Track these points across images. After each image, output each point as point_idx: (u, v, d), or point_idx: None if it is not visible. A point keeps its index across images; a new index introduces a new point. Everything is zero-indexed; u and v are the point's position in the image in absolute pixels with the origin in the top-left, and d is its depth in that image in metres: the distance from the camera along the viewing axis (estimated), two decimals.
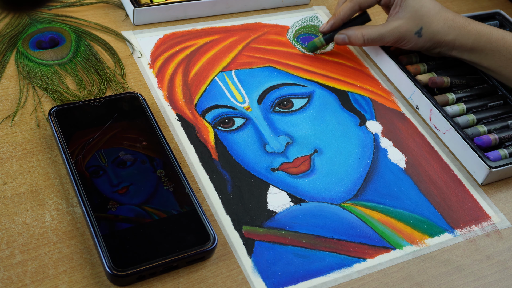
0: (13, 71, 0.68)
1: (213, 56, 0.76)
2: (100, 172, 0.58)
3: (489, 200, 0.67)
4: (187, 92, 0.71)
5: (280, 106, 0.72)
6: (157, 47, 0.76)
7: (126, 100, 0.65)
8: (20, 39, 0.72)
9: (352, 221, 0.62)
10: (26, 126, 0.63)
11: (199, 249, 0.54)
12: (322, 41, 0.79)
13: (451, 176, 0.69)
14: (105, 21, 0.78)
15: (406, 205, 0.64)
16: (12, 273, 0.51)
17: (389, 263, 0.59)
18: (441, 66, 0.80)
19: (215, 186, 0.62)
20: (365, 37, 0.76)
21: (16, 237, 0.54)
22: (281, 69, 0.77)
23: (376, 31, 0.75)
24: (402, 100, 0.77)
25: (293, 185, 0.64)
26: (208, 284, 0.54)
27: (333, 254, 0.58)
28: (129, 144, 0.61)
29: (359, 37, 0.76)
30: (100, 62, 0.72)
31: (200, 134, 0.67)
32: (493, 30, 0.73)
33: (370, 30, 0.76)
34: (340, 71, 0.79)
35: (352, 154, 0.68)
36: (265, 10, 0.85)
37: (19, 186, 0.58)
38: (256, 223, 0.59)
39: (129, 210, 0.55)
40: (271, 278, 0.55)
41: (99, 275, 0.53)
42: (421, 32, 0.74)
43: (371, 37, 0.75)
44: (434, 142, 0.72)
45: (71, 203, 0.57)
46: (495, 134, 0.71)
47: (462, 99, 0.76)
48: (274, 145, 0.67)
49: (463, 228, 0.64)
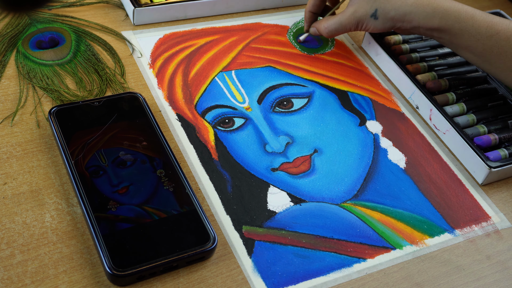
0: (13, 71, 0.68)
1: (213, 56, 0.76)
2: (100, 172, 0.58)
3: (489, 200, 0.67)
4: (187, 92, 0.71)
5: (280, 106, 0.72)
6: (157, 47, 0.76)
7: (126, 100, 0.65)
8: (20, 39, 0.72)
9: (352, 221, 0.62)
10: (26, 126, 0.63)
11: (199, 249, 0.54)
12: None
13: (451, 176, 0.69)
14: (105, 21, 0.78)
15: (406, 205, 0.64)
16: (12, 273, 0.51)
17: (389, 263, 0.59)
18: (441, 65, 0.80)
19: (215, 186, 0.62)
20: (327, 29, 0.76)
21: (16, 237, 0.54)
22: (281, 69, 0.77)
23: (336, 21, 0.75)
24: (402, 100, 0.77)
25: (293, 185, 0.64)
26: (208, 284, 0.54)
27: (333, 254, 0.58)
28: (129, 144, 0.61)
29: (323, 30, 0.77)
30: (100, 62, 0.72)
31: (200, 134, 0.67)
32: (462, 8, 0.70)
33: (331, 21, 0.76)
34: (340, 71, 0.79)
35: (352, 154, 0.68)
36: (265, 10, 0.85)
37: (19, 186, 0.58)
38: (256, 223, 0.59)
39: (129, 210, 0.55)
40: (271, 278, 0.55)
41: (99, 275, 0.53)
42: (376, 14, 0.72)
43: (332, 27, 0.76)
44: (434, 142, 0.72)
45: (71, 203, 0.57)
46: (495, 134, 0.71)
47: (462, 99, 0.76)
48: (274, 145, 0.67)
49: (463, 228, 0.64)
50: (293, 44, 0.81)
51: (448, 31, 0.70)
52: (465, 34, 0.69)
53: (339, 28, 0.75)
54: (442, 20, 0.69)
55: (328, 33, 0.76)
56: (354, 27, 0.75)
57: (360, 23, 0.74)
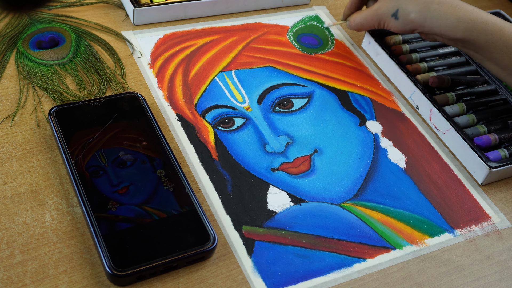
0: (13, 71, 0.68)
1: (213, 56, 0.76)
2: (100, 172, 0.58)
3: (489, 200, 0.67)
4: (187, 92, 0.71)
5: (280, 106, 0.72)
6: (157, 47, 0.76)
7: (126, 100, 0.65)
8: (20, 39, 0.72)
9: (352, 221, 0.62)
10: (26, 126, 0.63)
11: (199, 249, 0.54)
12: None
13: (451, 176, 0.69)
14: (105, 21, 0.78)
15: (406, 205, 0.64)
16: (12, 273, 0.51)
17: (389, 263, 0.59)
18: (442, 65, 0.80)
19: (215, 186, 0.62)
20: (354, 22, 0.76)
21: (16, 237, 0.54)
22: (281, 69, 0.77)
23: (363, 16, 0.75)
24: (402, 100, 0.77)
25: (293, 185, 0.64)
26: (208, 284, 0.54)
27: (333, 254, 0.58)
28: (129, 144, 0.61)
29: (351, 22, 0.77)
30: (100, 62, 0.72)
31: (200, 134, 0.67)
32: (490, 19, 0.67)
33: (358, 15, 0.75)
34: (340, 71, 0.79)
35: (352, 154, 0.68)
36: (265, 10, 0.85)
37: (19, 186, 0.58)
38: (256, 223, 0.59)
39: (129, 210, 0.55)
40: (271, 278, 0.55)
41: (99, 275, 0.53)
42: (397, 14, 0.70)
43: (358, 21, 0.75)
44: (434, 142, 0.72)
45: (71, 203, 0.57)
46: (495, 134, 0.71)
47: (462, 99, 0.76)
48: (274, 145, 0.67)
49: (463, 228, 0.64)
50: (293, 44, 0.81)
51: (473, 43, 0.68)
52: (491, 47, 0.67)
53: (364, 23, 0.74)
54: (466, 31, 0.67)
55: (355, 27, 0.76)
56: (376, 24, 0.74)
57: (382, 21, 0.73)
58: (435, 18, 0.68)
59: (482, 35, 0.66)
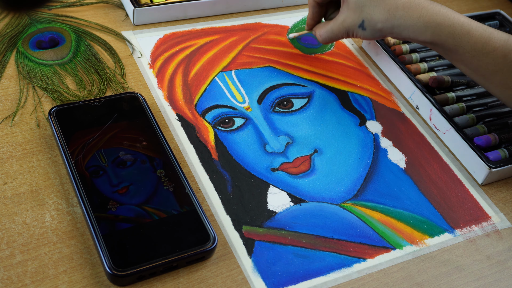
0: (13, 71, 0.68)
1: (213, 56, 0.76)
2: (100, 172, 0.58)
3: (489, 200, 0.67)
4: (187, 92, 0.71)
5: (280, 106, 0.72)
6: (157, 47, 0.76)
7: (126, 100, 0.65)
8: (20, 39, 0.72)
9: (352, 221, 0.62)
10: (26, 126, 0.63)
11: (199, 249, 0.54)
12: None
13: (451, 176, 0.69)
14: (105, 21, 0.78)
15: (406, 205, 0.64)
16: (12, 273, 0.51)
17: (389, 263, 0.59)
18: (442, 65, 0.80)
19: (215, 186, 0.62)
20: (322, 37, 0.72)
21: (16, 237, 0.54)
22: (281, 69, 0.77)
23: (328, 29, 0.71)
24: (402, 100, 0.77)
25: (293, 185, 0.64)
26: (208, 284, 0.54)
27: (333, 254, 0.58)
28: (129, 144, 0.61)
29: (318, 37, 0.73)
30: (100, 62, 0.72)
31: (200, 134, 0.67)
32: (457, 21, 0.65)
33: (324, 28, 0.72)
34: (340, 71, 0.79)
35: (352, 154, 0.68)
36: (265, 10, 0.85)
37: (19, 186, 0.58)
38: (256, 223, 0.59)
39: (129, 210, 0.55)
40: (271, 278, 0.55)
41: (99, 275, 0.53)
42: (364, 25, 0.68)
43: (325, 35, 0.72)
44: (434, 142, 0.72)
45: (71, 203, 0.57)
46: (495, 134, 0.71)
47: (462, 99, 0.76)
48: (274, 145, 0.67)
49: (463, 228, 0.64)
50: (293, 44, 0.81)
51: (441, 46, 0.66)
52: (459, 50, 0.65)
53: (332, 36, 0.71)
54: (434, 35, 0.65)
55: (323, 41, 0.73)
56: (345, 35, 0.71)
57: (350, 32, 0.70)
58: (402, 25, 0.66)
59: (450, 38, 0.65)
